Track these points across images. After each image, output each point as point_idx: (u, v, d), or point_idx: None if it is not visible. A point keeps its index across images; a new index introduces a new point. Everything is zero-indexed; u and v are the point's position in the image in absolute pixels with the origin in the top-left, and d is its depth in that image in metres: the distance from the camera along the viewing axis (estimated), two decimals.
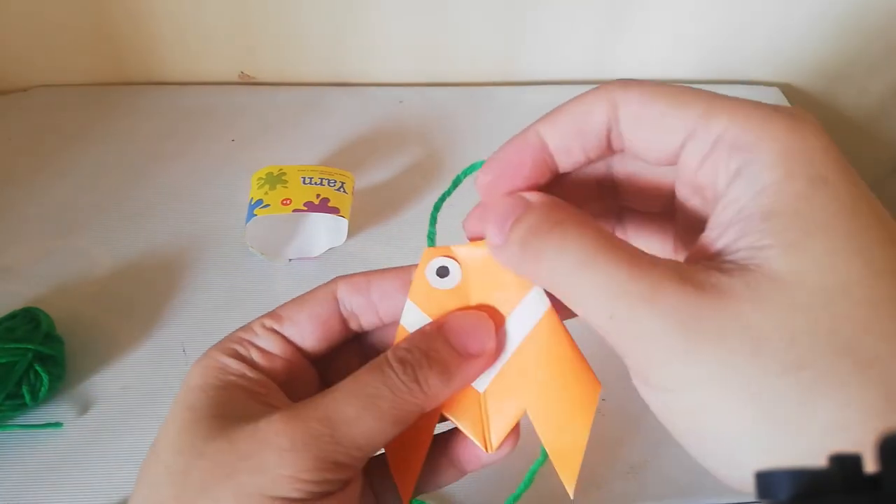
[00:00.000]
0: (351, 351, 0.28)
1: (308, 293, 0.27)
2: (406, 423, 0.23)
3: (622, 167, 0.25)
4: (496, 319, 0.26)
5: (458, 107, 0.72)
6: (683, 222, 0.24)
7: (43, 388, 0.45)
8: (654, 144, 0.22)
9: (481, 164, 0.28)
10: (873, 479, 0.20)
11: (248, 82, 0.74)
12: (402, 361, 0.24)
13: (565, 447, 0.25)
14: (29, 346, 0.45)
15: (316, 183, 0.54)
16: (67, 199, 0.61)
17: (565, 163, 0.24)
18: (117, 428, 0.46)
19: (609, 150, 0.23)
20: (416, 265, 0.27)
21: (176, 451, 0.23)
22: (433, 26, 0.71)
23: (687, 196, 0.23)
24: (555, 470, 0.25)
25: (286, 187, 0.54)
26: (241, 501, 0.21)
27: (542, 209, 0.22)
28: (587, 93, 0.23)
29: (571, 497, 0.24)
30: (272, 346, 0.26)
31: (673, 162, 0.22)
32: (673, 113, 0.21)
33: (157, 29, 0.69)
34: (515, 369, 0.26)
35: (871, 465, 0.18)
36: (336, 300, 0.27)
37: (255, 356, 0.26)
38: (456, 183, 0.30)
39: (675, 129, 0.21)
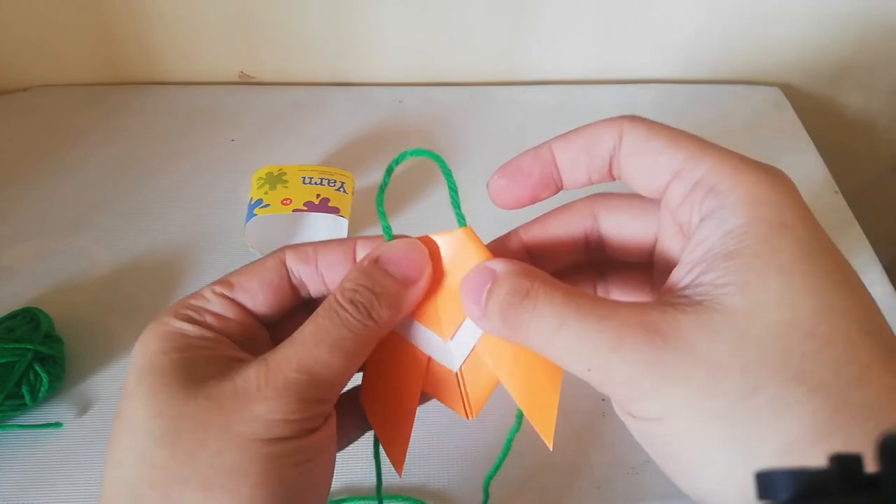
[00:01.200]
0: (299, 314, 0.29)
1: (256, 262, 0.28)
2: (369, 349, 0.26)
3: (608, 222, 0.28)
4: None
5: (458, 107, 0.72)
6: (662, 266, 0.26)
7: (42, 388, 0.45)
8: (645, 177, 0.24)
9: (411, 153, 0.30)
10: (873, 480, 0.20)
11: (248, 82, 0.74)
12: (352, 302, 0.25)
13: (539, 407, 0.27)
14: (28, 346, 0.45)
15: (316, 183, 0.54)
16: (67, 198, 0.61)
17: (569, 180, 0.27)
18: None
19: (609, 175, 0.26)
20: (360, 237, 0.29)
21: (154, 414, 0.23)
22: (433, 26, 0.71)
23: (668, 235, 0.25)
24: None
25: (286, 187, 0.54)
26: (240, 448, 0.22)
27: (509, 279, 0.24)
28: (600, 121, 0.25)
29: (550, 448, 0.26)
30: (225, 310, 0.27)
31: (659, 196, 0.24)
32: (667, 151, 0.23)
33: (157, 29, 0.69)
34: (486, 347, 0.28)
35: (871, 466, 0.18)
36: (285, 268, 0.28)
37: (210, 320, 0.27)
38: (389, 172, 0.31)
39: (665, 167, 0.23)
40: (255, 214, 0.52)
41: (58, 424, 0.46)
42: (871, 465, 0.18)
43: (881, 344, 0.20)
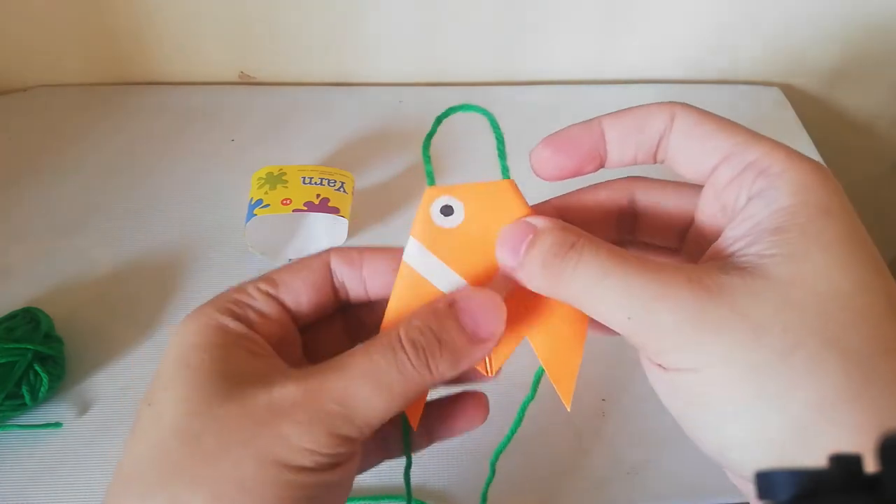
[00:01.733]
0: (335, 319, 0.29)
1: (301, 260, 0.28)
2: (417, 397, 0.24)
3: (645, 198, 0.28)
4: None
5: None
6: (695, 246, 0.27)
7: (42, 388, 0.45)
8: (693, 158, 0.25)
9: (462, 107, 0.31)
10: (873, 480, 0.20)
11: (248, 82, 0.74)
12: (414, 345, 0.24)
13: (561, 367, 0.27)
14: (28, 346, 0.45)
15: (316, 183, 0.54)
16: (67, 199, 0.61)
17: (615, 157, 0.27)
18: (117, 428, 0.46)
19: (653, 157, 0.27)
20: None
21: (186, 412, 0.23)
22: (433, 26, 0.71)
23: (709, 215, 0.26)
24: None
25: (286, 187, 0.54)
26: (260, 466, 0.22)
27: (554, 233, 0.25)
28: (652, 104, 0.27)
29: (568, 409, 0.28)
30: (268, 308, 0.26)
31: (703, 179, 0.25)
32: (719, 135, 0.25)
33: (156, 29, 0.69)
34: (515, 300, 0.27)
35: (871, 466, 0.18)
36: (329, 270, 0.27)
37: (252, 317, 0.26)
38: (438, 122, 0.31)
39: (715, 150, 0.25)
40: (255, 214, 0.52)
41: (58, 424, 0.46)
42: (871, 465, 0.18)
43: None
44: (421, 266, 0.28)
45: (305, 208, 0.52)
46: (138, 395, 0.48)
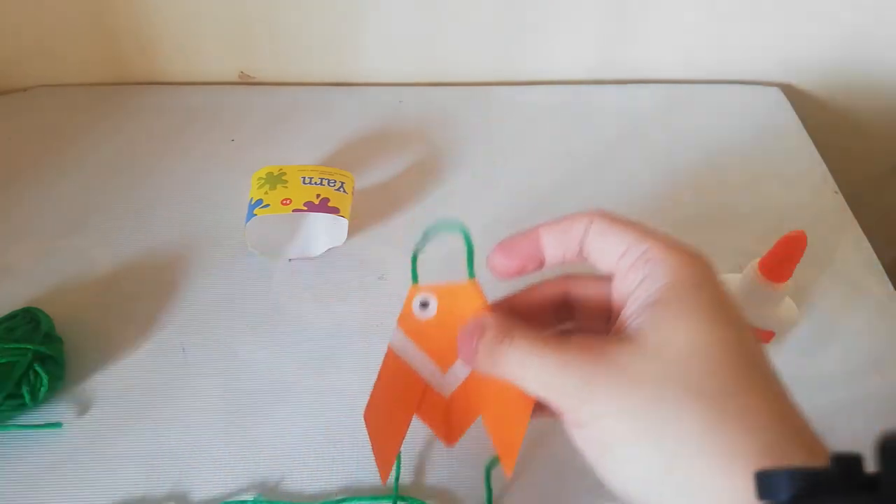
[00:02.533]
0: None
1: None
2: None
3: (575, 290, 0.34)
4: None
5: (458, 107, 0.72)
6: (615, 324, 0.32)
7: (43, 389, 0.45)
8: (604, 253, 0.32)
9: (446, 226, 0.36)
10: (872, 480, 0.20)
11: (247, 82, 0.74)
12: None
13: (506, 441, 0.32)
14: (29, 347, 0.45)
15: (316, 183, 0.54)
16: (67, 198, 0.61)
17: (550, 257, 0.33)
18: (117, 428, 0.46)
19: (579, 256, 0.33)
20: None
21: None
22: (433, 26, 0.71)
23: (617, 298, 0.32)
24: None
25: (286, 187, 0.54)
26: None
27: (495, 326, 0.31)
28: (576, 213, 0.33)
29: (508, 477, 0.32)
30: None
31: (612, 269, 0.31)
32: (620, 234, 0.31)
33: (157, 28, 0.69)
34: (474, 383, 0.33)
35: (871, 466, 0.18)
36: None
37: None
38: (427, 236, 0.36)
39: (618, 245, 0.31)
40: (255, 214, 0.52)
41: (58, 424, 0.46)
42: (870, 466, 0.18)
43: (754, 371, 0.27)
44: (402, 351, 0.35)
45: (305, 208, 0.53)
46: (138, 395, 0.48)
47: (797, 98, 0.77)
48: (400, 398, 0.34)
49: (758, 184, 0.65)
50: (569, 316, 0.35)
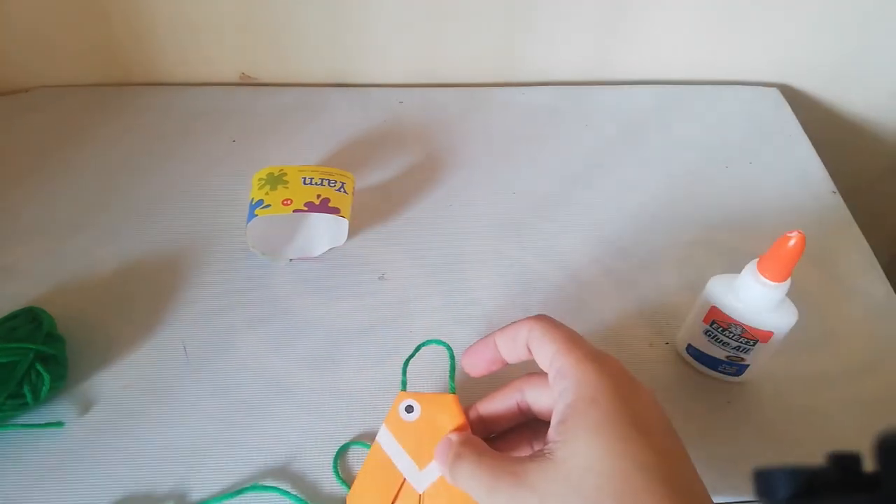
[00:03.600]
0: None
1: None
2: None
3: (529, 394, 0.39)
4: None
5: (458, 107, 0.73)
6: None
7: (44, 388, 0.45)
8: (540, 358, 0.37)
9: (434, 341, 0.48)
10: (871, 479, 0.20)
11: (249, 83, 0.74)
12: None
13: None
14: (30, 346, 0.45)
15: (316, 183, 0.55)
16: (69, 199, 0.61)
17: (507, 358, 0.39)
18: (119, 427, 0.46)
19: (529, 354, 0.38)
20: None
21: None
22: (433, 27, 0.71)
23: (551, 407, 0.37)
24: None
25: (287, 188, 0.54)
26: None
27: (455, 447, 0.37)
28: (520, 320, 0.38)
29: None
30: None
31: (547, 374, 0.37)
32: (548, 345, 0.36)
33: (158, 30, 0.69)
34: (441, 484, 0.40)
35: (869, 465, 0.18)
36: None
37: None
38: (418, 349, 0.47)
39: (546, 355, 0.36)
40: (256, 215, 0.53)
41: (59, 424, 0.46)
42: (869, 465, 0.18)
43: (651, 476, 0.30)
44: (387, 447, 0.41)
45: (306, 209, 0.53)
46: (140, 395, 0.48)
47: (795, 98, 0.77)
48: (381, 489, 0.40)
49: (756, 184, 0.65)
50: (531, 412, 0.40)
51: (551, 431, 0.33)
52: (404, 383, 0.44)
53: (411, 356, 0.46)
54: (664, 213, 0.62)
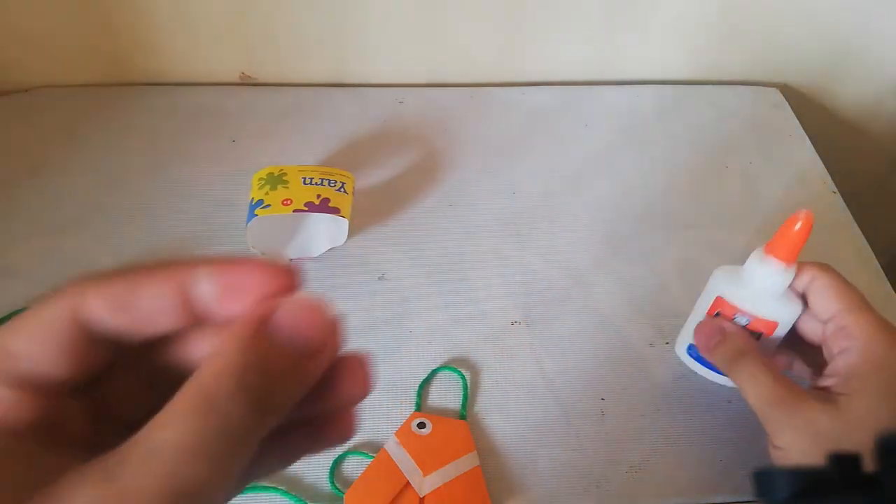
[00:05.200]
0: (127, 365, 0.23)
1: (32, 315, 0.20)
2: (255, 447, 0.19)
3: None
4: (444, 460, 0.43)
5: (459, 107, 0.73)
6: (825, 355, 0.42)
7: None
8: (820, 309, 0.42)
9: (448, 368, 0.49)
10: (871, 478, 0.20)
11: (248, 83, 0.74)
12: (243, 389, 0.19)
13: None
14: None
15: (316, 183, 0.55)
16: (68, 199, 0.61)
17: None
18: None
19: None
20: (193, 262, 0.22)
21: None
22: (433, 27, 0.71)
23: (826, 354, 0.42)
24: None
25: (287, 188, 0.54)
26: None
27: (737, 340, 0.42)
28: (805, 263, 0.43)
29: None
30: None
31: (824, 329, 0.42)
32: (835, 299, 0.42)
33: (157, 29, 0.69)
34: (447, 491, 0.41)
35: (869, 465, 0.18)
36: (79, 326, 0.20)
37: None
38: (434, 373, 0.49)
39: (829, 309, 0.42)
40: (256, 215, 0.53)
41: None
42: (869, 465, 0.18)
43: None
44: (393, 453, 0.43)
45: (306, 208, 0.53)
46: None
47: (795, 98, 0.77)
48: (381, 489, 0.41)
49: (756, 184, 0.65)
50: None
51: (828, 377, 0.39)
52: (418, 405, 0.46)
53: (426, 379, 0.48)
54: (664, 212, 0.62)
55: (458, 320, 0.53)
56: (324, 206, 0.53)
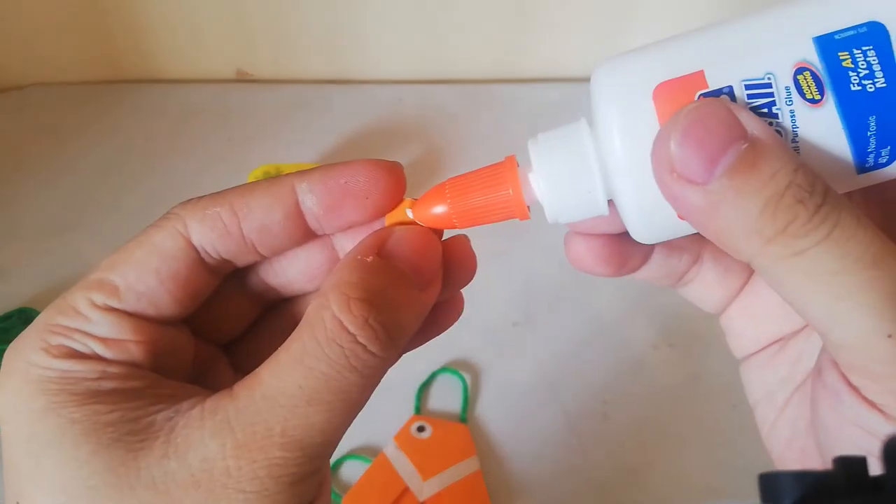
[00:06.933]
0: (232, 287, 0.22)
1: (142, 241, 0.20)
2: (377, 384, 0.19)
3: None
4: (444, 464, 0.42)
5: (458, 104, 0.72)
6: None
7: None
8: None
9: (448, 371, 0.48)
10: (878, 482, 0.20)
11: (245, 80, 0.74)
12: (367, 325, 0.18)
13: None
14: None
15: None
16: (62, 198, 0.60)
17: None
18: None
19: None
20: (297, 174, 0.22)
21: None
22: (432, 24, 0.70)
23: None
24: None
25: None
26: None
27: (799, 171, 0.18)
28: None
29: None
30: (118, 331, 0.19)
31: None
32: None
33: (153, 26, 0.68)
34: (447, 496, 0.41)
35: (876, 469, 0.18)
36: (192, 248, 0.20)
37: (101, 350, 0.19)
38: (433, 376, 0.47)
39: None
40: None
41: None
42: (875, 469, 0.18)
43: None
44: (392, 457, 0.43)
45: None
46: None
47: None
48: (380, 494, 0.41)
49: None
50: None
51: None
52: (418, 408, 0.46)
53: (426, 382, 0.47)
54: None
55: (458, 321, 0.53)
56: None
